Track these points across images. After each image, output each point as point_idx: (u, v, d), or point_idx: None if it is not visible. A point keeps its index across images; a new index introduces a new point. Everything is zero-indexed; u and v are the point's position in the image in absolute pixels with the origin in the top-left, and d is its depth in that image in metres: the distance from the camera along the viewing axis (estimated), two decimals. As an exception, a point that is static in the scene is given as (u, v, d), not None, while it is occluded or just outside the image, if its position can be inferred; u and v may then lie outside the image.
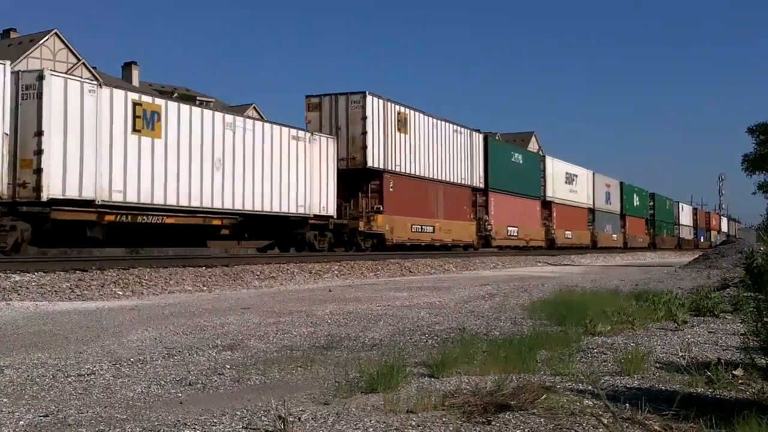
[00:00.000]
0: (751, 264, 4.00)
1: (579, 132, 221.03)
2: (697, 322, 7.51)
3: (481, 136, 35.83)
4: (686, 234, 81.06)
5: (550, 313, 7.72)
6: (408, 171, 28.72)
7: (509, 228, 37.65)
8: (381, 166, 26.83)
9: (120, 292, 11.96)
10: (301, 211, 23.90)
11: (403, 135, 28.38)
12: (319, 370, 5.05)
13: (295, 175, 23.64)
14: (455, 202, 32.59)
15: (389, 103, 27.78)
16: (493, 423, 3.47)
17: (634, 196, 61.01)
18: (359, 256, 22.82)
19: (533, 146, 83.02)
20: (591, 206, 50.45)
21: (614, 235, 55.06)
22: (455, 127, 33.00)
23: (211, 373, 5.04)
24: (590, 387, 4.25)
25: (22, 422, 3.70)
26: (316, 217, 24.51)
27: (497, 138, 42.82)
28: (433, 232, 30.54)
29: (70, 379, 4.82)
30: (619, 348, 5.65)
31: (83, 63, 50.46)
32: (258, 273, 15.92)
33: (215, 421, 3.61)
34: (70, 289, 11.68)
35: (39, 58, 46.30)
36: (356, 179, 26.86)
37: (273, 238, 24.32)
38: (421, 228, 29.64)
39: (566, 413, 3.61)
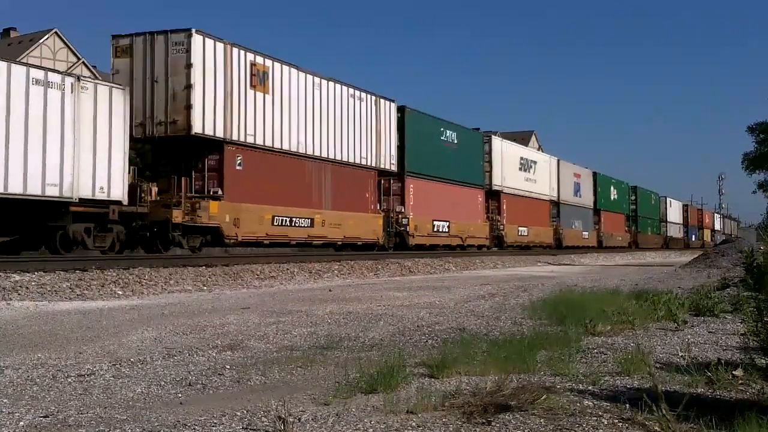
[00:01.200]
0: (751, 263, 4.00)
1: (579, 132, 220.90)
2: (697, 322, 7.51)
3: (392, 105, 27.50)
4: (675, 232, 74.46)
5: (550, 313, 7.73)
6: (269, 144, 21.36)
7: (437, 222, 30.16)
8: (220, 135, 19.63)
9: (120, 292, 11.96)
10: (53, 192, 16.06)
11: (261, 95, 21.05)
12: (319, 371, 5.05)
13: (41, 138, 15.85)
14: (352, 188, 25.08)
15: (235, 49, 20.36)
16: (493, 423, 3.47)
17: (611, 188, 54.74)
18: (359, 256, 22.52)
19: (533, 145, 79.04)
20: (554, 198, 43.39)
21: (585, 233, 48.63)
22: (353, 91, 25.15)
23: (211, 373, 5.04)
24: (590, 387, 4.25)
25: (22, 423, 3.70)
26: (85, 202, 16.75)
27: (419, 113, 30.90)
28: (311, 226, 23.15)
29: (70, 380, 4.81)
30: (619, 348, 5.64)
31: (83, 62, 50.45)
32: (258, 273, 15.92)
33: (215, 421, 3.61)
34: (70, 288, 11.68)
35: (39, 57, 46.25)
36: (184, 153, 19.76)
37: (17, 232, 16.88)
38: (291, 221, 22.20)
39: (566, 413, 3.61)
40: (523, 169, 39.11)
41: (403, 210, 28.00)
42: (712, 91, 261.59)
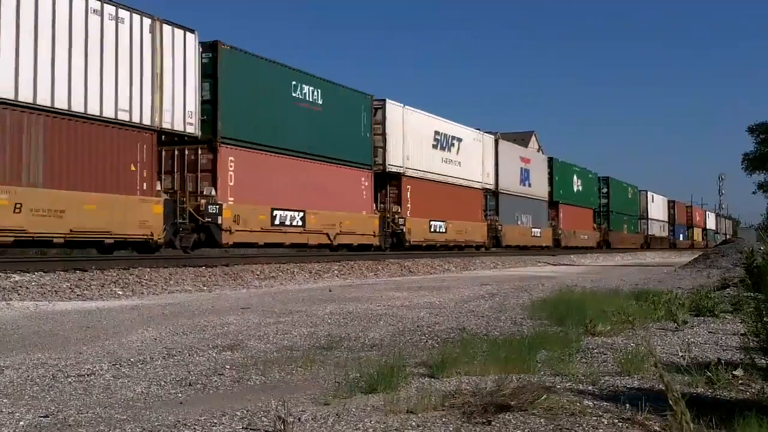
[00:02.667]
0: (751, 264, 3.99)
1: (579, 132, 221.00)
2: (697, 322, 7.51)
3: (192, 38, 18.31)
4: (657, 230, 66.25)
5: (550, 313, 7.73)
6: None
7: (287, 213, 21.15)
8: None
9: (120, 292, 11.96)
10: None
11: None
12: (319, 371, 5.05)
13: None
14: (97, 156, 15.90)
15: None
16: (493, 423, 3.47)
17: (574, 178, 46.37)
18: (359, 256, 22.64)
19: (533, 146, 76.84)
20: (490, 187, 34.80)
21: (537, 230, 40.01)
22: (102, 6, 16.05)
23: (211, 373, 5.04)
24: (590, 387, 4.26)
25: (22, 422, 3.70)
26: None
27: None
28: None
29: (70, 380, 4.81)
30: (619, 348, 5.64)
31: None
32: (258, 273, 15.92)
33: (215, 421, 3.61)
34: (70, 288, 11.68)
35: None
36: None
37: None
38: None
39: (566, 413, 3.61)
40: (439, 148, 30.12)
41: (214, 193, 18.79)
42: (713, 91, 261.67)
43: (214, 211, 18.69)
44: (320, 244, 23.15)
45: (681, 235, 76.26)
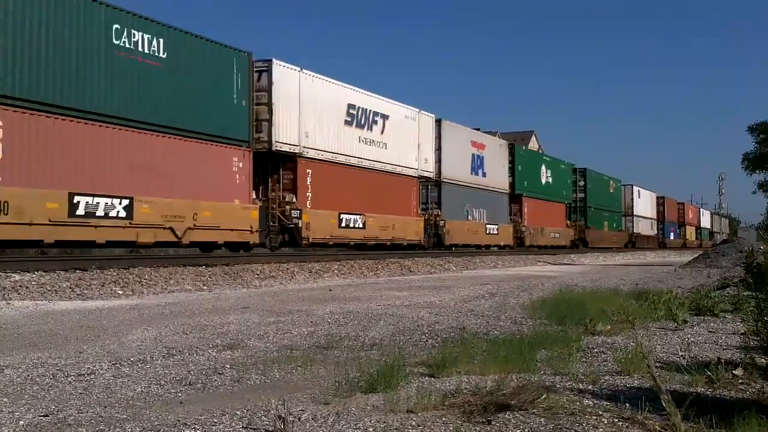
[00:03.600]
0: (751, 263, 3.99)
1: (580, 132, 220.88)
2: (697, 322, 7.51)
3: None
4: (644, 228, 60.75)
5: (550, 312, 7.73)
6: None
7: (98, 201, 15.40)
8: None
9: (120, 292, 11.96)
10: None
11: None
12: (319, 370, 5.05)
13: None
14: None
15: None
16: (493, 423, 3.47)
17: (543, 168, 40.79)
18: (359, 255, 22.58)
19: (533, 145, 76.41)
20: (429, 174, 28.78)
21: (493, 226, 33.98)
22: None
23: (211, 372, 5.04)
24: (590, 386, 4.26)
25: (22, 422, 3.70)
26: None
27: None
28: None
29: (70, 379, 4.81)
30: (619, 347, 5.64)
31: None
32: (258, 272, 15.92)
33: (215, 420, 3.61)
34: (70, 288, 11.68)
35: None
36: None
37: None
38: None
39: (566, 413, 3.61)
40: (355, 125, 24.32)
41: None
42: (713, 91, 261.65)
43: None
44: (159, 242, 17.54)
45: (671, 234, 70.91)
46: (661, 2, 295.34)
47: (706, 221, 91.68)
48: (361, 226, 24.47)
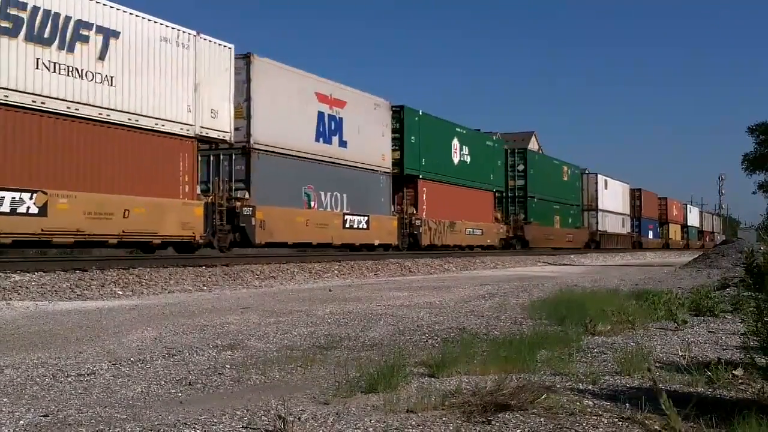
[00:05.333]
0: (751, 263, 3.99)
1: (579, 132, 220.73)
2: (697, 322, 7.51)
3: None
4: (613, 225, 51.91)
5: (550, 312, 7.73)
6: None
7: None
8: None
9: (120, 292, 11.96)
10: None
11: None
12: (319, 370, 5.05)
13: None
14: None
15: None
16: (493, 423, 3.47)
17: (455, 143, 30.90)
18: (359, 256, 22.55)
19: (533, 146, 75.99)
20: (221, 135, 18.88)
21: (360, 218, 24.25)
22: None
23: (211, 372, 5.04)
24: (590, 387, 4.26)
25: (22, 422, 3.70)
26: None
27: None
28: None
29: (70, 379, 4.81)
30: (619, 348, 5.64)
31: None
32: (258, 273, 15.91)
33: (215, 420, 3.61)
34: (70, 288, 11.68)
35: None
36: None
37: None
38: None
39: (566, 413, 3.61)
40: (35, 39, 14.29)
41: None
42: (713, 91, 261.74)
43: None
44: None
45: (650, 233, 62.17)
46: (661, 2, 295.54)
47: (694, 219, 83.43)
48: (45, 214, 14.39)
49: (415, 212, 27.61)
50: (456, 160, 31.07)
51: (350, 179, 24.13)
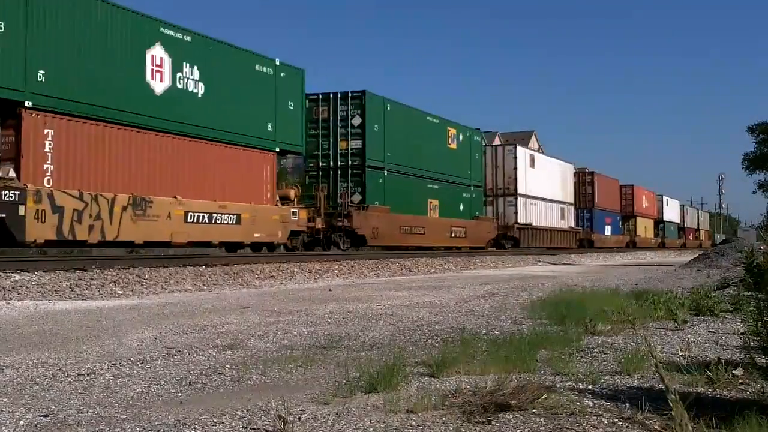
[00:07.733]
0: (751, 263, 3.99)
1: (579, 132, 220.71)
2: (697, 322, 7.51)
3: None
4: (542, 217, 38.29)
5: (550, 312, 7.73)
6: None
7: None
8: None
9: (120, 292, 11.96)
10: None
11: None
12: (319, 370, 5.05)
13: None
14: None
15: None
16: (493, 423, 3.47)
17: (154, 52, 16.79)
18: (360, 255, 22.60)
19: (533, 145, 77.32)
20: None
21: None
22: None
23: (211, 372, 5.04)
24: (590, 386, 4.25)
25: (22, 422, 3.69)
26: None
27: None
28: None
29: (70, 379, 4.81)
30: (619, 347, 5.64)
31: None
32: (258, 272, 15.91)
33: (215, 420, 3.61)
34: (70, 288, 11.68)
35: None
36: None
37: None
38: None
39: (566, 413, 3.60)
40: None
41: None
42: (712, 91, 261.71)
43: None
44: None
45: (607, 228, 49.98)
46: (660, 3, 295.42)
47: (672, 213, 70.11)
48: None
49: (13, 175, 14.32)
50: (156, 85, 17.40)
51: None
